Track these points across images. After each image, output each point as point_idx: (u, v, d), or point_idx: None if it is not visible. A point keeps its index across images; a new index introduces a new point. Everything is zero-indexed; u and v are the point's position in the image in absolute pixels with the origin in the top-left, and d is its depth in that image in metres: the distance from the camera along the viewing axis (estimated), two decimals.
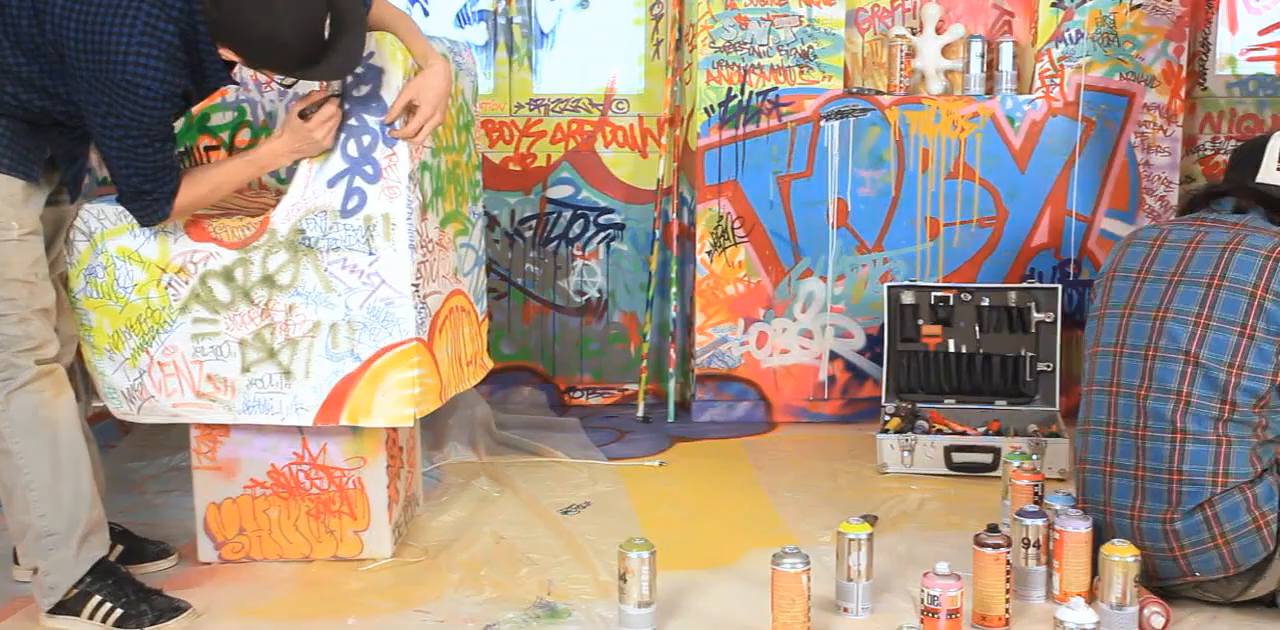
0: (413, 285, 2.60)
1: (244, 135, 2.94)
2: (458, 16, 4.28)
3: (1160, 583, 2.46)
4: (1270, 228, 2.45)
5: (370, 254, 2.58)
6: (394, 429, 2.82)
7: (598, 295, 4.37)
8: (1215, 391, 2.37)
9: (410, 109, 2.56)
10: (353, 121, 2.57)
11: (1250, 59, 4.34)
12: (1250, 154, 2.56)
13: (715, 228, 4.06)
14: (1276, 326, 2.36)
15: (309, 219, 2.57)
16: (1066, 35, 4.02)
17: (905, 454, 3.47)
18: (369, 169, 2.58)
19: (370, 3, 2.53)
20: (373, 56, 2.55)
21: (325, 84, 2.53)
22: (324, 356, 2.60)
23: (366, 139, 2.57)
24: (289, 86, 2.71)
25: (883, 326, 3.89)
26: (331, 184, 2.57)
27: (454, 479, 3.40)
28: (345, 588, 2.66)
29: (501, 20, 4.27)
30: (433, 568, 2.75)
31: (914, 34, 4.10)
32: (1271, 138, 2.55)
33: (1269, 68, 4.32)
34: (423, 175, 2.66)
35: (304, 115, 2.51)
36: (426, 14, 4.24)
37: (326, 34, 2.31)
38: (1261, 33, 4.32)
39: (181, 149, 2.82)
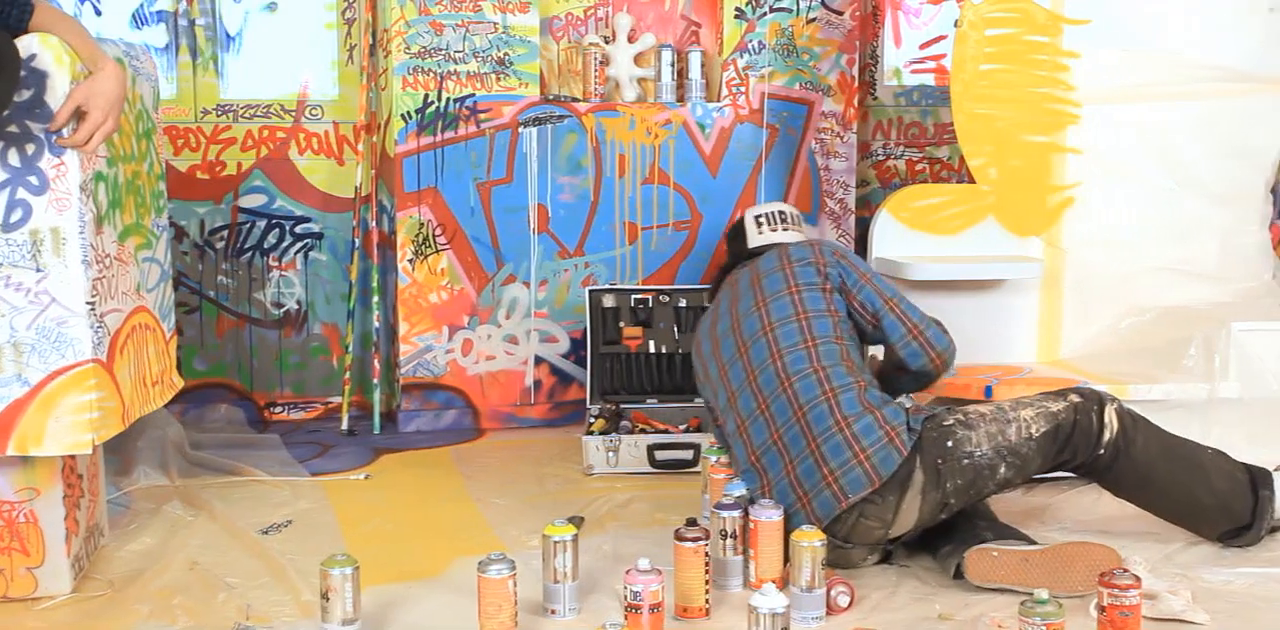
0: (88, 303, 2.45)
1: None
2: (134, 17, 4.07)
3: (824, 524, 2.61)
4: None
5: (38, 271, 2.42)
6: (72, 456, 2.65)
7: (296, 306, 4.25)
8: (824, 335, 2.79)
9: (80, 115, 2.42)
10: (13, 129, 2.39)
11: (914, 71, 4.68)
12: (738, 231, 3.24)
13: (416, 235, 4.02)
14: (835, 282, 2.86)
15: None
16: (750, 46, 4.21)
17: (610, 454, 3.55)
18: (34, 180, 2.41)
19: (26, 22, 2.36)
20: (35, 59, 2.38)
21: None
22: None
23: (30, 148, 2.41)
24: None
25: (585, 330, 3.97)
26: None
27: (144, 505, 3.23)
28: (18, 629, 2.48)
29: (183, 22, 4.09)
30: (119, 600, 2.60)
31: (607, 42, 4.19)
32: (744, 216, 3.24)
33: (930, 79, 4.67)
34: (97, 186, 2.52)
35: None
36: (99, 14, 4.01)
37: None
38: (922, 47, 4.66)
39: None
